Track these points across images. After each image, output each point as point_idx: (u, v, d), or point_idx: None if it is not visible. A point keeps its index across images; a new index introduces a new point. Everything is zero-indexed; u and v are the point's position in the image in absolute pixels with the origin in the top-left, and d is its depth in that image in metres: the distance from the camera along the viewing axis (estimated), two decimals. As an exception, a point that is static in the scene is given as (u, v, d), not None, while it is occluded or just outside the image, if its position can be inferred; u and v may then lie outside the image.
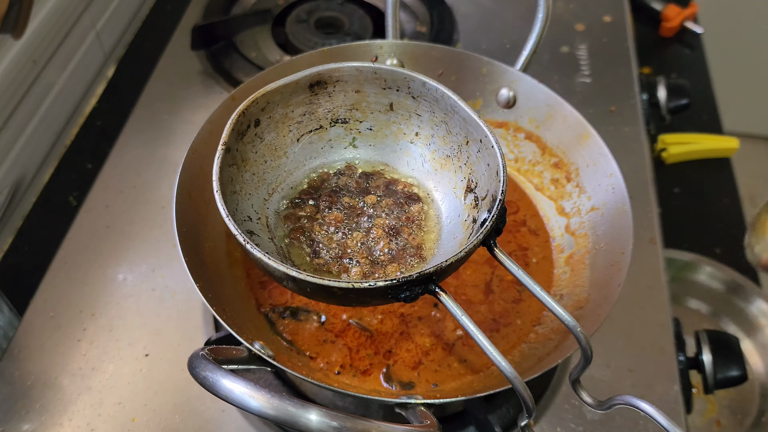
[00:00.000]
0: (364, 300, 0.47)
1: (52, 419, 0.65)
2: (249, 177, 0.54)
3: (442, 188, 0.57)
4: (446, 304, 0.44)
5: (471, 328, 0.44)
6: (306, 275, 0.43)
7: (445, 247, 0.54)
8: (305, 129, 0.57)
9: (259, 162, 0.55)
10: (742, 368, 0.72)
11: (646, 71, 1.17)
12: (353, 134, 0.59)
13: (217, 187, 0.47)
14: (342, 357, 0.62)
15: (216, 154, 0.49)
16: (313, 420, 0.39)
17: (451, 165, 0.55)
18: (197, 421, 0.65)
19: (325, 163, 0.59)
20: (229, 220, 0.46)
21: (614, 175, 0.64)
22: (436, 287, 0.44)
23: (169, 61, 0.99)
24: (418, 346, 0.63)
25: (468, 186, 0.53)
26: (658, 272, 0.78)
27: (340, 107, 0.57)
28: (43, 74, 0.88)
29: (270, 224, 0.55)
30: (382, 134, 0.59)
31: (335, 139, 0.59)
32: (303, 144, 0.57)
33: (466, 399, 0.52)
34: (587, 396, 0.49)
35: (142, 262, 0.76)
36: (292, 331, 0.63)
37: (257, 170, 0.55)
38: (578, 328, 0.44)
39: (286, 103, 0.55)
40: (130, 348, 0.70)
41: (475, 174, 0.53)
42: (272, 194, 0.56)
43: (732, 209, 1.03)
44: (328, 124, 0.58)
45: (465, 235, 0.52)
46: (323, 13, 1.04)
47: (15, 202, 0.86)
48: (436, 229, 0.56)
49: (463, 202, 0.54)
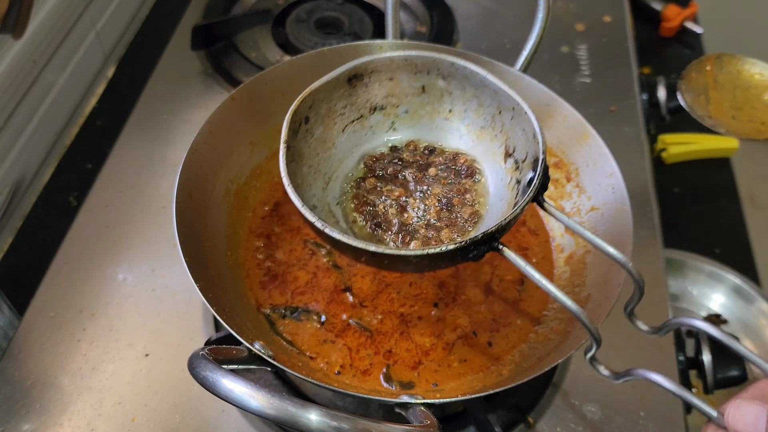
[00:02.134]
0: (436, 264, 0.54)
1: (52, 419, 0.65)
2: (306, 170, 0.59)
3: (483, 157, 0.61)
4: (510, 257, 0.48)
5: (537, 277, 0.47)
6: (385, 249, 0.48)
7: (494, 210, 0.58)
8: (348, 120, 0.61)
9: (312, 155, 0.60)
10: (741, 368, 0.72)
11: (646, 71, 1.17)
12: (392, 119, 0.63)
13: (287, 181, 0.52)
14: (342, 357, 0.62)
15: (280, 153, 0.53)
16: (313, 420, 0.39)
17: (486, 135, 0.59)
18: (197, 421, 0.65)
19: (370, 148, 0.64)
20: (304, 209, 0.50)
21: (614, 175, 0.64)
22: (498, 244, 0.49)
23: (169, 61, 0.99)
24: (418, 346, 0.63)
25: (506, 151, 0.57)
26: (657, 272, 0.78)
27: (376, 96, 0.61)
28: (43, 74, 0.88)
29: (332, 210, 0.60)
30: (418, 116, 0.63)
31: (376, 125, 0.63)
32: (348, 134, 0.62)
33: (466, 399, 0.53)
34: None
35: (142, 262, 0.76)
36: (292, 331, 0.63)
37: (312, 163, 0.60)
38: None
39: (329, 98, 0.59)
40: (130, 348, 0.70)
41: (511, 140, 0.57)
42: (328, 183, 0.61)
43: (732, 209, 1.03)
44: (367, 112, 0.62)
45: (512, 196, 0.55)
46: (323, 13, 1.04)
47: (15, 202, 0.86)
48: (485, 194, 0.60)
49: (504, 167, 0.58)
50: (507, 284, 0.68)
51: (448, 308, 0.66)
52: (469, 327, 0.64)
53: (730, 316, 0.94)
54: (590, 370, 0.53)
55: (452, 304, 0.66)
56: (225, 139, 0.67)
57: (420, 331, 0.64)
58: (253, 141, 0.71)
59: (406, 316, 0.65)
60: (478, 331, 0.64)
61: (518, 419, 0.66)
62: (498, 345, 0.64)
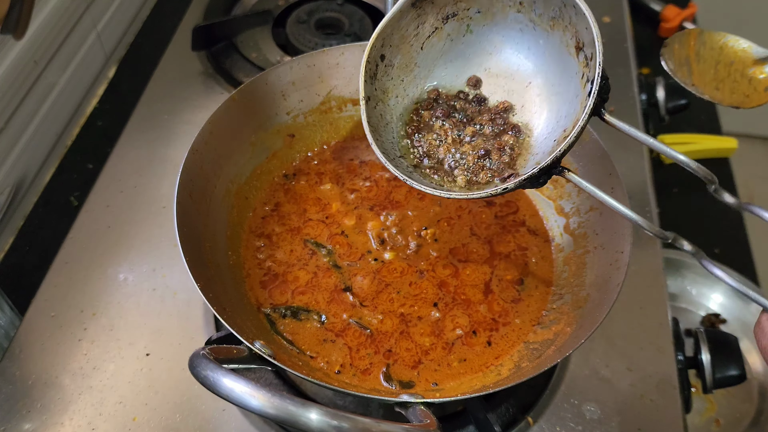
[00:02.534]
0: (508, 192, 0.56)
1: (53, 418, 0.65)
2: (394, 102, 0.62)
3: (555, 49, 0.61)
4: (574, 180, 0.51)
5: (603, 197, 0.50)
6: (468, 194, 0.54)
7: (559, 117, 0.60)
8: (424, 37, 0.63)
9: (397, 85, 0.63)
10: (741, 368, 0.72)
11: (645, 72, 1.18)
12: (466, 22, 0.63)
13: (371, 138, 0.56)
14: (342, 356, 0.62)
15: (361, 108, 0.57)
16: (314, 419, 0.40)
17: (558, 26, 0.59)
18: (198, 420, 0.65)
19: (452, 56, 0.65)
20: (388, 164, 0.55)
21: (613, 175, 0.64)
22: (562, 168, 0.52)
23: (170, 61, 1.00)
24: (417, 345, 0.63)
25: (577, 44, 0.57)
26: (657, 272, 0.78)
27: (445, 5, 0.62)
28: (45, 75, 0.89)
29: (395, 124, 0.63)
30: (491, 14, 0.63)
31: (452, 32, 0.63)
32: (426, 49, 0.63)
33: (465, 398, 0.53)
34: (728, 196, 0.56)
35: (143, 262, 0.77)
36: (293, 330, 0.64)
37: (399, 92, 0.63)
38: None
39: (398, 28, 0.61)
40: (131, 347, 0.70)
41: (579, 33, 0.57)
42: (416, 98, 0.64)
43: (731, 209, 1.03)
44: (441, 23, 0.63)
45: (583, 95, 0.56)
46: (323, 14, 1.04)
47: (16, 202, 0.86)
48: (546, 107, 0.62)
49: (577, 60, 0.58)
50: (506, 284, 0.68)
51: (448, 308, 0.66)
52: (469, 327, 0.65)
53: (728, 315, 0.94)
54: (589, 369, 0.53)
55: (452, 303, 0.66)
56: (225, 139, 0.68)
57: (420, 330, 0.64)
58: (254, 141, 0.71)
59: (406, 315, 0.65)
60: (477, 331, 0.64)
61: (518, 418, 0.66)
62: (497, 344, 0.64)
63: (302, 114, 0.74)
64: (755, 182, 2.24)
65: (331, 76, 0.74)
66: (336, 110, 0.76)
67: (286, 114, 0.73)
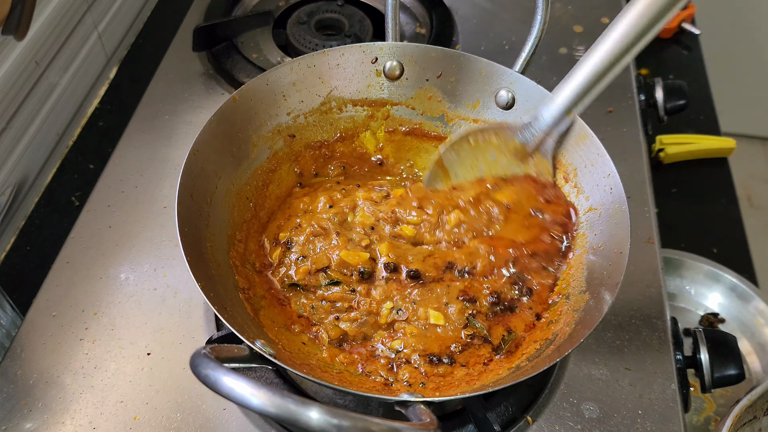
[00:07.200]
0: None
1: (54, 418, 0.65)
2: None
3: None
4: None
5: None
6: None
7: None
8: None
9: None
10: (739, 367, 0.73)
11: (643, 72, 1.18)
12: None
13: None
14: (343, 356, 0.62)
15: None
16: (314, 417, 0.40)
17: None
18: (199, 419, 0.65)
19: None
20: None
21: (612, 175, 0.64)
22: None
23: (171, 62, 1.00)
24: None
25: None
26: (655, 272, 0.78)
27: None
28: (46, 75, 0.89)
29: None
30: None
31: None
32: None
33: (465, 397, 0.53)
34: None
35: (144, 262, 0.77)
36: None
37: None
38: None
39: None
40: (132, 347, 0.70)
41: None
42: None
43: (729, 209, 1.03)
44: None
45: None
46: (324, 15, 1.04)
47: (18, 202, 0.86)
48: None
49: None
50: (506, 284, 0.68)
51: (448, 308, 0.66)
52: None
53: (727, 315, 0.95)
54: (588, 368, 0.53)
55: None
56: (226, 139, 0.68)
57: (420, 330, 0.64)
58: (254, 141, 0.71)
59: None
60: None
61: (517, 417, 0.67)
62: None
63: (303, 114, 0.74)
64: (753, 182, 2.24)
65: (331, 77, 0.74)
66: (336, 111, 0.76)
67: (287, 114, 0.73)
